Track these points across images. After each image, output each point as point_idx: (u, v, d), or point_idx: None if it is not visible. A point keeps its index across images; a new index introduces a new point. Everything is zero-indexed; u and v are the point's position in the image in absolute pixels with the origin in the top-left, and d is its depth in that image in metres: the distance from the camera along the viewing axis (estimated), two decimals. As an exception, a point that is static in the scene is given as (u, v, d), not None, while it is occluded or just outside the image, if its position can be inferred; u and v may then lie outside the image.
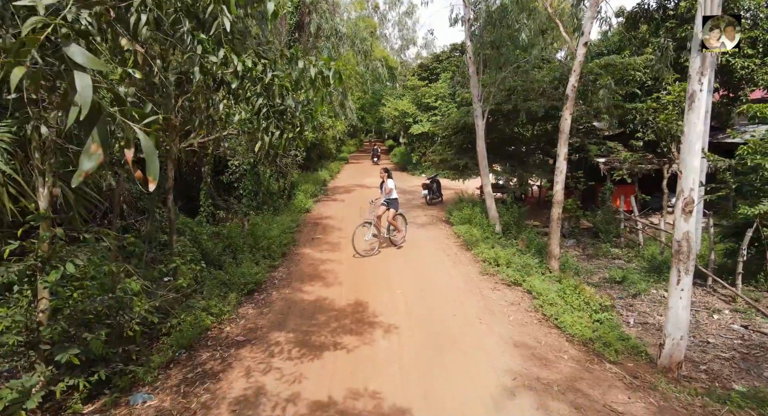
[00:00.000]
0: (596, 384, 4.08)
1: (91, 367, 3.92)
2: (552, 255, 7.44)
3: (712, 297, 7.15)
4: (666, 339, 4.47)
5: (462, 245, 9.03)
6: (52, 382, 3.69)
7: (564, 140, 7.43)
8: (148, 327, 4.74)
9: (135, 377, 4.10)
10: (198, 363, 4.49)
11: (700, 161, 8.53)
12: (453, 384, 4.05)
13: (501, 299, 6.22)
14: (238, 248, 7.55)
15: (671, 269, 4.54)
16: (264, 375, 4.23)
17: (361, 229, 8.34)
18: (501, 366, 4.37)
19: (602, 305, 5.65)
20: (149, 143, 1.15)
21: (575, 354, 4.64)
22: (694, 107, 4.38)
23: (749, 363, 5.03)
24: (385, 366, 4.40)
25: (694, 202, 4.43)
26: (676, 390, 4.03)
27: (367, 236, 8.36)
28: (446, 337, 5.01)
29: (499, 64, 9.61)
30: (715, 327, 6.09)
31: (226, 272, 6.44)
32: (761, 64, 10.69)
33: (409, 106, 24.51)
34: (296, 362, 4.49)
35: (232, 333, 5.15)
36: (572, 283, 6.18)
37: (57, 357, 3.63)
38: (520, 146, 14.13)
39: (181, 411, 3.73)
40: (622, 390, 4.01)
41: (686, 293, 4.45)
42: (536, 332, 5.17)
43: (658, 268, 8.00)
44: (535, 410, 3.66)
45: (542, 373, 4.23)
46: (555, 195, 7.54)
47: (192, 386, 4.10)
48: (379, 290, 6.47)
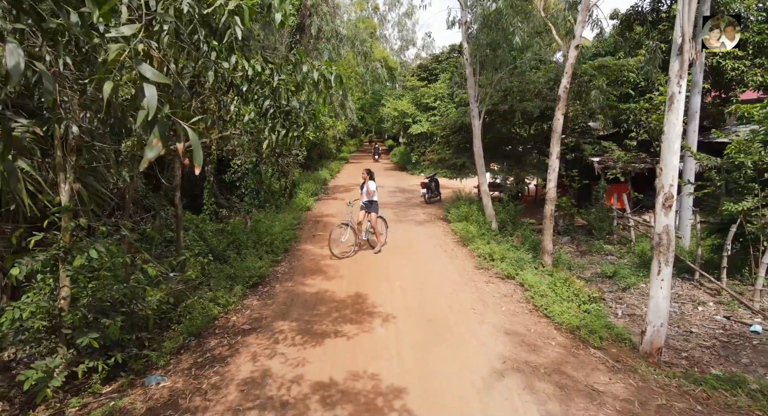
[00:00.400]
0: (580, 367, 4.36)
1: (108, 352, 4.20)
2: (545, 251, 7.72)
3: (699, 291, 7.42)
4: (647, 327, 4.75)
5: (459, 242, 9.31)
6: (73, 364, 3.97)
7: (556, 140, 7.71)
8: (160, 316, 5.02)
9: (149, 361, 4.38)
10: (207, 349, 4.77)
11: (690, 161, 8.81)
12: (446, 368, 4.33)
13: (494, 291, 6.50)
14: (242, 243, 7.83)
15: (653, 261, 4.83)
16: (269, 360, 4.51)
17: (337, 230, 8.23)
18: (492, 351, 4.66)
19: (591, 296, 5.94)
20: (195, 137, 1.44)
21: (562, 341, 4.92)
22: (673, 108, 4.66)
23: (728, 351, 5.31)
24: (383, 351, 4.68)
25: (673, 197, 4.71)
26: (655, 372, 4.31)
27: (343, 237, 8.24)
28: (441, 326, 5.29)
29: (495, 65, 9.90)
30: (699, 318, 6.36)
31: (231, 266, 6.73)
32: (751, 65, 10.97)
33: (409, 106, 24.79)
34: (299, 348, 4.77)
35: (238, 322, 5.43)
36: (563, 276, 6.46)
37: (78, 341, 3.91)
38: (517, 145, 14.40)
39: (192, 391, 4.01)
40: (604, 372, 4.29)
41: (666, 283, 4.73)
42: (526, 321, 5.45)
43: (648, 263, 8.25)
44: (522, 389, 3.93)
45: (530, 357, 4.51)
46: (548, 193, 7.83)
47: (202, 369, 4.38)
48: (378, 283, 6.75)
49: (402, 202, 14.66)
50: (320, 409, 3.68)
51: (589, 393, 3.90)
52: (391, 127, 31.68)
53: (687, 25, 4.54)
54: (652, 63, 9.12)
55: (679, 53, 4.57)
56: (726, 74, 11.16)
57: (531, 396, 3.84)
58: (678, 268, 7.79)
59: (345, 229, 8.30)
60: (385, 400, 3.79)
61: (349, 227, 8.28)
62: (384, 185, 17.96)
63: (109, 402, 3.84)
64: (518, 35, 8.24)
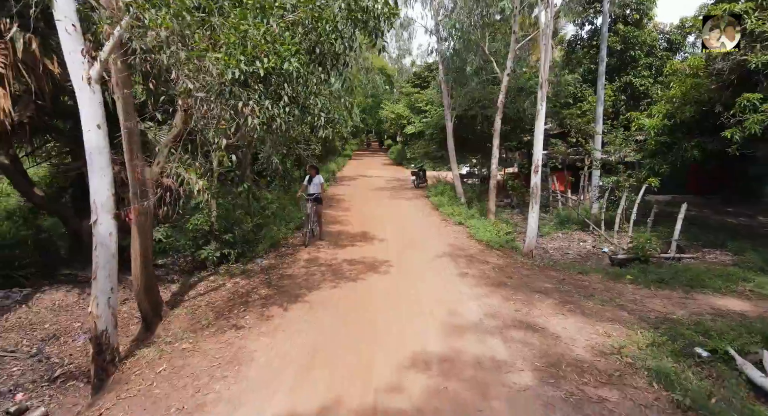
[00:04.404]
0: (484, 255, 8.17)
1: (233, 246, 7.96)
2: (489, 211, 11.52)
3: (590, 236, 11.21)
4: (526, 238, 8.55)
5: (433, 208, 13.17)
6: (219, 250, 7.74)
7: (496, 135, 11.53)
8: (254, 234, 8.81)
9: (255, 252, 8.16)
10: (281, 252, 8.56)
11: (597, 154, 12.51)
12: (413, 255, 8.14)
13: (449, 230, 10.35)
14: (284, 206, 11.63)
15: (531, 202, 8.62)
16: (317, 253, 8.31)
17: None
18: (439, 250, 8.47)
19: (506, 231, 9.74)
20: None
21: (479, 247, 8.75)
22: (539, 116, 8.44)
23: (582, 259, 9.11)
24: (380, 251, 8.48)
25: (539, 167, 8.50)
26: (525, 260, 8.10)
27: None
28: (413, 243, 9.11)
29: (462, 83, 13.70)
30: (577, 247, 10.17)
31: (283, 216, 10.54)
32: (653, 82, 14.79)
33: (404, 109, 28.56)
34: (332, 250, 8.56)
35: (294, 242, 9.23)
36: (493, 221, 10.27)
37: (224, 237, 7.69)
38: (485, 142, 18.20)
39: (279, 264, 7.78)
40: (496, 257, 8.11)
41: (536, 214, 8.54)
42: (463, 241, 9.28)
43: (563, 222, 12.07)
44: (449, 260, 7.74)
45: (459, 252, 8.33)
46: (492, 171, 11.63)
47: (281, 258, 8.17)
48: (376, 227, 10.57)
49: (396, 187, 18.49)
50: (347, 266, 7.48)
51: (484, 261, 7.71)
52: (389, 127, 35.47)
53: (544, 70, 8.32)
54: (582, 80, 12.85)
55: (541, 88, 8.36)
56: (636, 90, 14.98)
57: (453, 263, 7.64)
58: (583, 224, 11.58)
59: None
60: (380, 263, 7.59)
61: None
62: (383, 176, 21.99)
63: (239, 268, 7.62)
64: (468, 66, 12.06)
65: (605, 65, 12.91)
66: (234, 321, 5.30)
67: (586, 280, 7.08)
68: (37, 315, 6.16)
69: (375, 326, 5.07)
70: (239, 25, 4.25)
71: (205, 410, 3.49)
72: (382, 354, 4.38)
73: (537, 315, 5.41)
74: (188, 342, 4.76)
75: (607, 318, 5.41)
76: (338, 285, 6.57)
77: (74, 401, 4.55)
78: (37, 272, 7.31)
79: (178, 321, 5.54)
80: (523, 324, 5.12)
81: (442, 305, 5.65)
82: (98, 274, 4.58)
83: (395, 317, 5.32)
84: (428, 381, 3.87)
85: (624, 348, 4.55)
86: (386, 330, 4.97)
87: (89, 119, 4.51)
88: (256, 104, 4.26)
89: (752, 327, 5.09)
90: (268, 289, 6.47)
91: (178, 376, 4.04)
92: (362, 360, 4.26)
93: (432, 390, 3.74)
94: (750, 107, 7.66)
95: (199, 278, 7.24)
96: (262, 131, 4.53)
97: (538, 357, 4.31)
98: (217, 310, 5.70)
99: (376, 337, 4.77)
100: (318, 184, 9.25)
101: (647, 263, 8.02)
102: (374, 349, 4.48)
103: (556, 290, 6.40)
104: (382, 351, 4.45)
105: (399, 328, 4.99)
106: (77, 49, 4.36)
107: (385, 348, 4.51)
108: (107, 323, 4.61)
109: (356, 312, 5.53)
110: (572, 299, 6.00)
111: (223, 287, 6.72)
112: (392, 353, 4.38)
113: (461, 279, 6.76)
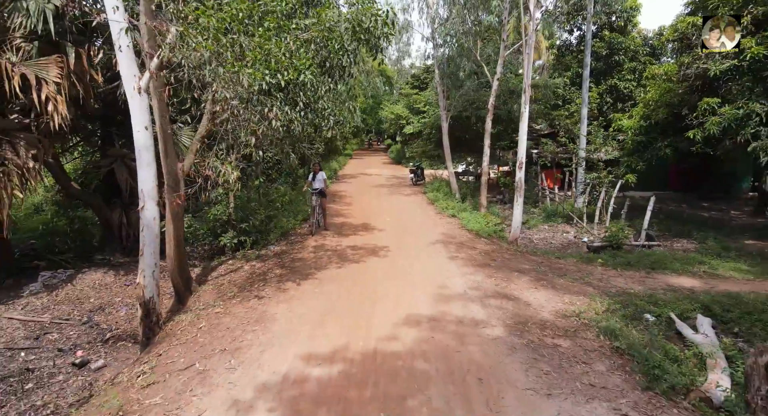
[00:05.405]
0: (473, 242, 9.11)
1: (250, 235, 8.88)
2: (481, 204, 12.46)
3: (573, 228, 12.15)
4: (512, 228, 9.49)
5: (429, 202, 14.14)
6: (236, 237, 8.66)
7: (487, 135, 12.46)
8: (266, 224, 9.74)
9: (267, 240, 9.09)
10: (291, 239, 9.50)
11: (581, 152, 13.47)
12: (409, 242, 9.08)
13: (442, 221, 11.30)
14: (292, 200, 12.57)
15: (515, 195, 9.55)
16: (323, 241, 9.25)
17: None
18: (432, 238, 9.41)
19: (494, 223, 10.68)
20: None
21: (469, 236, 9.69)
22: (523, 118, 9.37)
23: (564, 247, 10.05)
24: (380, 238, 9.42)
25: (523, 163, 9.43)
26: (510, 246, 9.04)
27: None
28: (409, 231, 10.06)
29: (457, 86, 14.65)
30: (560, 238, 11.11)
31: (292, 208, 11.48)
32: (637, 86, 15.73)
33: (403, 110, 29.48)
34: (337, 239, 9.50)
35: (301, 232, 10.17)
36: (483, 213, 11.21)
37: (241, 226, 8.63)
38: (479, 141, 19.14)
39: (290, 250, 8.71)
40: (484, 243, 9.04)
41: (520, 206, 9.48)
42: (454, 231, 10.23)
43: (550, 216, 13.01)
44: (442, 246, 8.68)
45: (450, 240, 9.27)
46: (483, 168, 12.56)
47: (291, 245, 9.11)
48: (376, 219, 11.52)
49: (395, 184, 19.43)
50: (351, 251, 8.42)
51: (472, 247, 8.66)
52: (389, 127, 36.41)
53: (527, 76, 9.26)
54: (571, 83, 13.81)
55: (524, 92, 9.28)
56: (621, 92, 15.92)
57: (445, 248, 8.58)
58: (568, 217, 12.51)
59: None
60: (380, 249, 8.53)
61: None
62: (382, 174, 22.98)
63: (254, 253, 8.55)
64: (462, 71, 13.02)
65: (591, 69, 13.85)
66: (255, 292, 6.24)
67: (561, 263, 8.03)
68: (82, 292, 7.10)
69: (375, 295, 6.02)
70: (264, 43, 5.19)
71: (241, 350, 4.43)
72: (382, 314, 5.33)
73: (514, 288, 6.36)
74: (220, 308, 5.70)
75: (574, 291, 6.35)
76: (343, 266, 7.52)
77: (126, 356, 5.47)
78: (76, 257, 8.26)
79: (206, 294, 6.48)
80: (501, 294, 6.07)
81: (433, 280, 6.60)
82: (145, 251, 5.51)
83: (393, 288, 6.27)
84: (418, 334, 4.81)
85: (583, 313, 5.49)
86: (385, 297, 5.91)
87: (139, 121, 5.43)
88: (279, 110, 5.18)
89: (695, 298, 6.04)
90: (282, 269, 7.41)
91: (216, 330, 4.99)
92: (365, 319, 5.20)
93: (421, 339, 4.68)
94: (709, 110, 8.61)
95: (218, 263, 8.16)
96: (283, 132, 5.44)
97: (509, 318, 5.26)
98: (240, 285, 6.64)
99: (376, 303, 5.72)
100: (321, 179, 10.09)
101: (619, 250, 8.97)
102: (375, 311, 5.43)
103: (533, 270, 7.35)
104: (382, 312, 5.39)
105: (395, 296, 5.94)
106: (131, 65, 5.30)
107: (383, 310, 5.46)
108: (152, 291, 5.54)
109: (359, 285, 6.47)
110: (546, 277, 6.95)
111: (241, 269, 7.65)
112: (390, 314, 5.33)
113: (451, 261, 7.71)
